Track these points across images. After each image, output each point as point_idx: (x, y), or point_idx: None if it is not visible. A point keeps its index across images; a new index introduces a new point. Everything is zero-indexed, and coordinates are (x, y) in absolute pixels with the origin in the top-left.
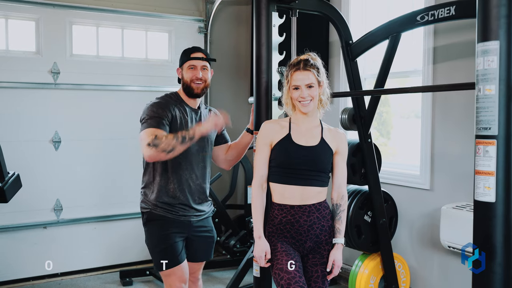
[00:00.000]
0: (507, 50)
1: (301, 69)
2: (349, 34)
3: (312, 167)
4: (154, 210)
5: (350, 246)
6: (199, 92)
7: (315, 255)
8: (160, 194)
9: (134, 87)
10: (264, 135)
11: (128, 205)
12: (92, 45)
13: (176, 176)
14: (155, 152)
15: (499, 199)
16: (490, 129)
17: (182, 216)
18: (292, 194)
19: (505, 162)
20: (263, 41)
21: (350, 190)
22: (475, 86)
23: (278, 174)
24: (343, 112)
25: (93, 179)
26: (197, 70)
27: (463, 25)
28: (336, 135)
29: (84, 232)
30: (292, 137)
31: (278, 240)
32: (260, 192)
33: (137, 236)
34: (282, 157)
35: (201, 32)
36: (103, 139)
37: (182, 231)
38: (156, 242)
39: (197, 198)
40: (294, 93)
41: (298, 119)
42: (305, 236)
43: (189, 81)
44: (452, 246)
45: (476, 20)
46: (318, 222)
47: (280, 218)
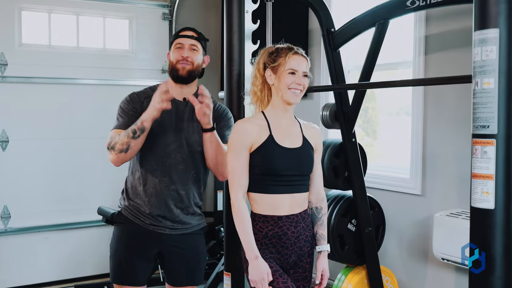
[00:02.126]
0: (508, 39)
1: (299, 54)
2: (331, 21)
3: (299, 171)
4: (124, 211)
5: (332, 258)
6: (185, 75)
7: (296, 270)
8: (131, 195)
9: (91, 80)
10: (242, 137)
11: (86, 212)
12: (44, 33)
13: (146, 177)
14: (114, 155)
15: (499, 206)
16: (488, 127)
17: (151, 226)
18: (281, 204)
19: (506, 164)
20: (234, 29)
21: (332, 195)
22: (471, 79)
23: (263, 183)
24: (324, 109)
25: (46, 183)
26: (184, 49)
27: (459, 11)
28: (313, 131)
29: (35, 243)
30: (275, 138)
31: (265, 258)
32: (245, 205)
33: (95, 247)
34: (267, 164)
35: (166, 19)
36: (57, 139)
37: (151, 244)
38: (114, 249)
39: (173, 207)
40: (288, 78)
41: (277, 114)
42: (291, 250)
43: (174, 62)
44: (446, 258)
45: (473, 5)
46: (303, 232)
47: (265, 232)
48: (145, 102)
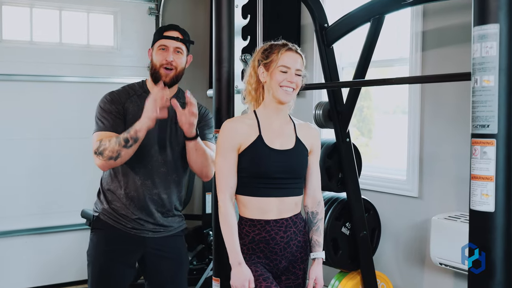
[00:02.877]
0: (508, 34)
1: (293, 51)
2: (324, 16)
3: (290, 174)
4: (102, 215)
5: (325, 263)
6: (168, 81)
7: (289, 276)
8: (110, 198)
9: (74, 78)
10: (229, 137)
11: (68, 215)
12: (25, 29)
13: (127, 180)
14: (102, 161)
15: (499, 209)
16: (488, 126)
17: (133, 230)
18: (269, 208)
19: (506, 165)
20: (224, 24)
21: (326, 198)
22: (471, 76)
23: (251, 186)
24: (317, 107)
25: (25, 185)
26: (168, 52)
27: (457, 6)
28: (309, 132)
29: (14, 247)
30: (264, 139)
31: (251, 263)
32: (232, 207)
33: (77, 251)
34: (255, 167)
35: (152, 14)
36: (39, 139)
37: (133, 249)
38: (94, 256)
39: (154, 211)
40: (280, 76)
41: (268, 114)
42: (281, 255)
43: (158, 66)
44: (444, 263)
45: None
46: (295, 237)
47: (252, 236)
48: (126, 103)
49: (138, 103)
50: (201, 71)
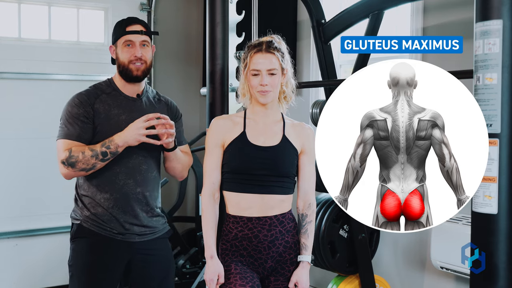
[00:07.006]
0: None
1: (263, 51)
2: (322, 12)
3: (272, 171)
4: (85, 223)
5: (322, 267)
6: (140, 75)
7: (277, 277)
8: (89, 204)
9: (64, 76)
10: (214, 134)
11: (54, 217)
12: (13, 25)
13: (106, 183)
14: (71, 172)
15: (502, 211)
16: (491, 126)
17: (120, 235)
18: (249, 204)
19: (509, 166)
20: (218, 20)
21: (322, 199)
22: (473, 74)
23: (232, 182)
24: (314, 106)
25: (9, 187)
26: (135, 47)
27: (459, 1)
28: (301, 131)
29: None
30: (247, 135)
31: (232, 260)
32: (212, 202)
33: (64, 254)
34: (235, 162)
35: (144, 10)
36: (24, 138)
37: (122, 256)
38: (79, 268)
39: (139, 211)
40: (253, 80)
41: (256, 113)
42: (266, 255)
43: (126, 62)
44: (445, 267)
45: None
46: (281, 237)
47: (235, 233)
48: (96, 104)
49: (108, 102)
50: (195, 69)
